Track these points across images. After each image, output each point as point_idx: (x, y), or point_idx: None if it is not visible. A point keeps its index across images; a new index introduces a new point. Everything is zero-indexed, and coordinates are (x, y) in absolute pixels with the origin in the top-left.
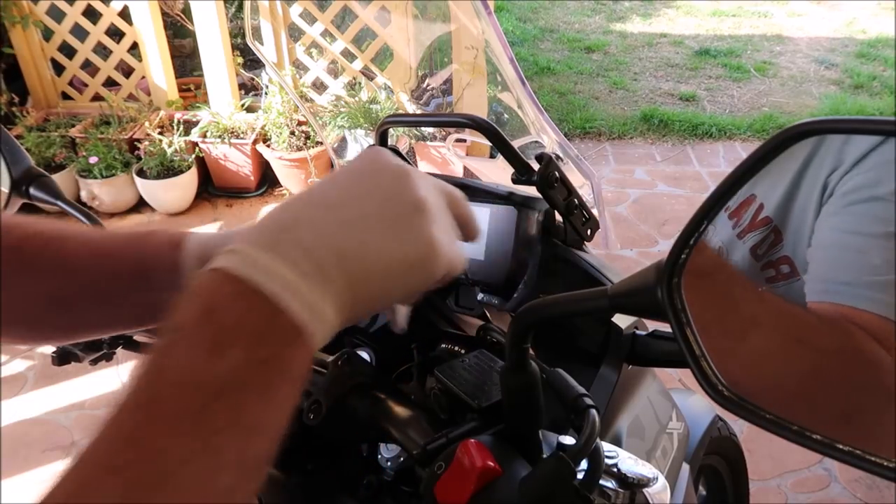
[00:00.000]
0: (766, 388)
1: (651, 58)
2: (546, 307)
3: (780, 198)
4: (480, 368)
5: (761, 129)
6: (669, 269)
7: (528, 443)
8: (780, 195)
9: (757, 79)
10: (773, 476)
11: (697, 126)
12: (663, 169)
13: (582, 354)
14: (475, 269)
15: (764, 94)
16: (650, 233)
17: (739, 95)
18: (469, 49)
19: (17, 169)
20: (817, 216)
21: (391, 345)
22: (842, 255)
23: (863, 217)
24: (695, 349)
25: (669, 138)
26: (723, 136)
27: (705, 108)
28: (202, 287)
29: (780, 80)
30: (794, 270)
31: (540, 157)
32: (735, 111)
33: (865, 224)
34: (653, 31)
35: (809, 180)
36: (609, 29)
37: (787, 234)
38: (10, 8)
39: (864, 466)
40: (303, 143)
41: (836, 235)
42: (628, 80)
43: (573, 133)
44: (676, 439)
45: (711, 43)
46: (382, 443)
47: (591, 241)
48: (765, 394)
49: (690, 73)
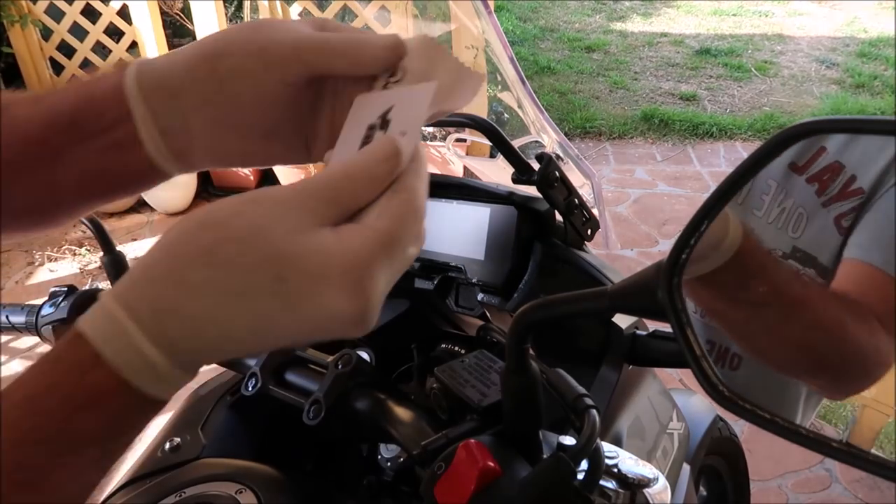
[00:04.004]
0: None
1: (651, 57)
2: (546, 307)
3: (879, 172)
4: (480, 368)
5: (762, 128)
6: (670, 269)
7: (528, 443)
8: (880, 169)
9: (758, 78)
10: (773, 476)
11: (698, 126)
12: (664, 169)
13: (582, 354)
14: (475, 269)
15: (765, 94)
16: (650, 233)
17: (740, 95)
18: (469, 49)
19: None
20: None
21: (391, 345)
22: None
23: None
24: (695, 349)
25: (670, 138)
26: (723, 136)
27: (706, 108)
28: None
29: (781, 80)
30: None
31: (540, 156)
32: (736, 111)
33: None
34: (653, 31)
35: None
36: (609, 28)
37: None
38: (8, 7)
39: (863, 466)
40: None
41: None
42: (629, 80)
43: (573, 133)
44: (677, 439)
45: (712, 42)
46: (382, 443)
47: (591, 241)
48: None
49: (691, 72)
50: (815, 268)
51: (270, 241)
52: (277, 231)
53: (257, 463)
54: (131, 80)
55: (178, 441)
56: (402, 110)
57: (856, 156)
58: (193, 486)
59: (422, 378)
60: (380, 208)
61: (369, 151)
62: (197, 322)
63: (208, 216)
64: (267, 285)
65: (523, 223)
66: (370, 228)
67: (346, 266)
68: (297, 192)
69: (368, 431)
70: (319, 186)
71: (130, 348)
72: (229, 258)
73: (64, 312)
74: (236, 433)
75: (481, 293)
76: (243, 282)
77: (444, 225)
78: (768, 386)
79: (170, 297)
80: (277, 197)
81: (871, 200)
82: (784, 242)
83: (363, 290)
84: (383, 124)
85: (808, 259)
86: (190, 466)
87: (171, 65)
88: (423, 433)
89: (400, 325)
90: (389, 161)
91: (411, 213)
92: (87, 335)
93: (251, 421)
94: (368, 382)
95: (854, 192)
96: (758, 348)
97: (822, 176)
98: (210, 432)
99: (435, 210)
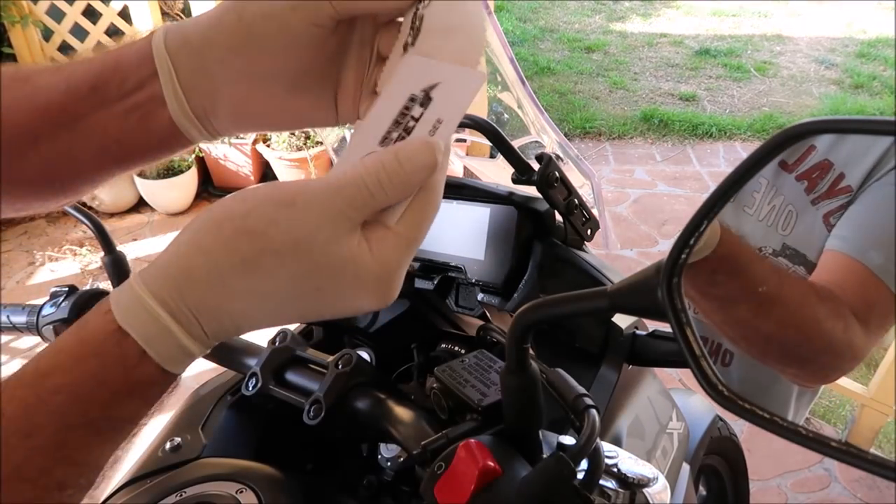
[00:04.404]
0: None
1: (651, 58)
2: (546, 307)
3: (867, 170)
4: (480, 368)
5: (761, 128)
6: (670, 269)
7: (528, 443)
8: (867, 168)
9: (757, 79)
10: (773, 476)
11: (697, 126)
12: (663, 169)
13: (582, 354)
14: (475, 269)
15: (764, 94)
16: (650, 233)
17: (739, 95)
18: None
19: None
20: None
21: (391, 345)
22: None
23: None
24: (695, 349)
25: (669, 138)
26: (723, 136)
27: (705, 108)
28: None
29: (781, 80)
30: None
31: (540, 157)
32: (735, 111)
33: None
34: (653, 31)
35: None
36: (609, 29)
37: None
38: (9, 8)
39: (863, 466)
40: (303, 142)
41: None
42: (628, 80)
43: (573, 133)
44: (676, 439)
45: (711, 43)
46: (382, 443)
47: (591, 241)
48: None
49: (690, 72)
50: (805, 265)
51: (309, 255)
52: (316, 244)
53: (257, 463)
54: (159, 40)
55: (178, 441)
56: (447, 92)
57: (844, 154)
58: (194, 485)
59: (422, 378)
60: (408, 213)
61: (408, 159)
62: (234, 320)
63: (246, 223)
64: (305, 294)
65: (523, 223)
66: (399, 236)
67: (379, 273)
68: (331, 196)
69: (368, 431)
70: (354, 191)
71: (173, 345)
72: (271, 270)
73: (65, 312)
74: (237, 433)
75: (481, 293)
76: (283, 290)
77: (444, 225)
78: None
79: (211, 302)
80: (312, 201)
81: (857, 198)
82: (774, 240)
83: (391, 287)
84: (425, 100)
85: (798, 256)
86: (190, 466)
87: (198, 21)
88: (423, 433)
89: (400, 325)
90: (427, 170)
91: (432, 213)
92: (132, 334)
93: (251, 421)
94: (368, 382)
95: (842, 189)
96: (729, 337)
97: (811, 174)
98: (210, 432)
99: None
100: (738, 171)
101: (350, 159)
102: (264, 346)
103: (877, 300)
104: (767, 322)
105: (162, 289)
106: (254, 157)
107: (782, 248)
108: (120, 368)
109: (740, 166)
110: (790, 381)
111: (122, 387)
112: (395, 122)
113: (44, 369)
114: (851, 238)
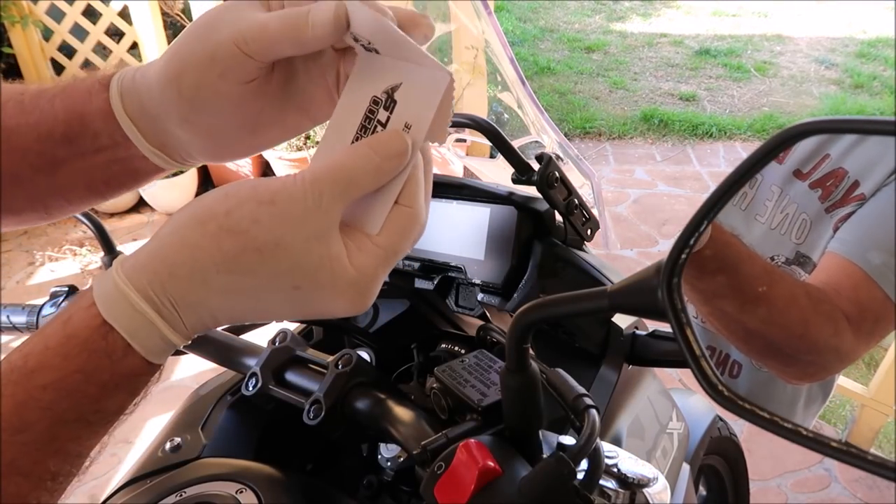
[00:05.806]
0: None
1: (651, 58)
2: (546, 307)
3: (882, 178)
4: (480, 368)
5: (761, 128)
6: (670, 269)
7: (528, 443)
8: (883, 175)
9: (757, 79)
10: (773, 476)
11: (697, 126)
12: (663, 169)
13: (582, 354)
14: (475, 269)
15: (764, 94)
16: (650, 233)
17: (739, 95)
18: (469, 49)
19: None
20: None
21: (391, 345)
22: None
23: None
24: (695, 349)
25: (669, 138)
26: (723, 136)
27: (705, 108)
28: (71, 309)
29: (781, 80)
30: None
31: (540, 157)
32: (735, 111)
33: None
34: (653, 31)
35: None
36: (609, 29)
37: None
38: (9, 8)
39: (863, 466)
40: (302, 142)
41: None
42: (628, 80)
43: (573, 133)
44: (676, 439)
45: (711, 43)
46: (382, 443)
47: (591, 241)
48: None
49: (690, 72)
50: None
51: (289, 254)
52: (296, 242)
53: (257, 463)
54: (118, 105)
55: (178, 441)
56: (411, 93)
57: (859, 162)
58: (194, 485)
59: (422, 378)
60: (389, 225)
61: (379, 144)
62: (214, 313)
63: (229, 221)
64: (283, 291)
65: (523, 223)
66: (378, 246)
67: (355, 279)
68: (308, 190)
69: (368, 431)
70: (329, 183)
71: (157, 338)
72: (251, 267)
73: None
74: (237, 433)
75: (481, 293)
76: (262, 287)
77: (444, 225)
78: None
79: (193, 297)
80: (294, 195)
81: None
82: (787, 248)
83: (366, 296)
84: (388, 103)
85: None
86: (190, 466)
87: (147, 89)
88: (423, 433)
89: (400, 325)
90: (399, 157)
91: (414, 225)
92: (118, 328)
93: (251, 421)
94: (368, 382)
95: (856, 197)
96: (714, 327)
97: (825, 182)
98: (210, 432)
99: (435, 210)
100: (738, 172)
101: (320, 159)
102: (264, 346)
103: (870, 305)
104: (752, 318)
105: (145, 283)
106: (254, 156)
107: (795, 257)
108: (107, 362)
109: (740, 166)
110: (777, 377)
111: (110, 380)
112: (361, 126)
113: (32, 366)
114: (851, 240)
